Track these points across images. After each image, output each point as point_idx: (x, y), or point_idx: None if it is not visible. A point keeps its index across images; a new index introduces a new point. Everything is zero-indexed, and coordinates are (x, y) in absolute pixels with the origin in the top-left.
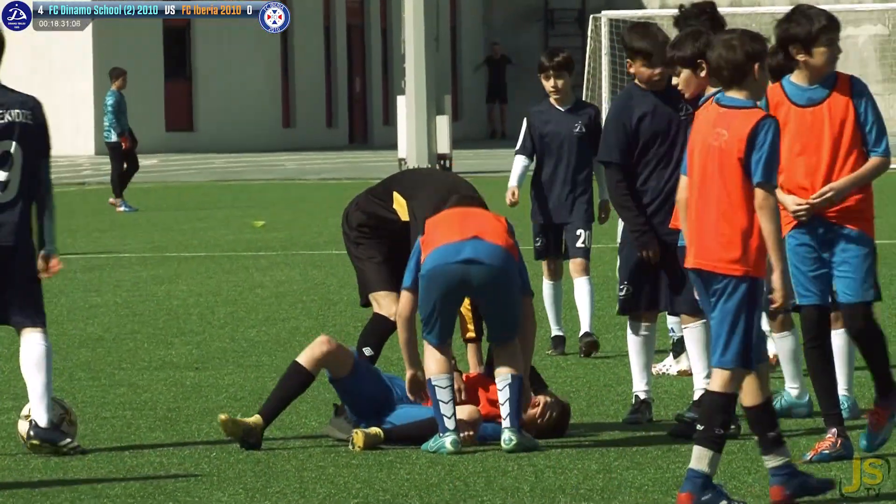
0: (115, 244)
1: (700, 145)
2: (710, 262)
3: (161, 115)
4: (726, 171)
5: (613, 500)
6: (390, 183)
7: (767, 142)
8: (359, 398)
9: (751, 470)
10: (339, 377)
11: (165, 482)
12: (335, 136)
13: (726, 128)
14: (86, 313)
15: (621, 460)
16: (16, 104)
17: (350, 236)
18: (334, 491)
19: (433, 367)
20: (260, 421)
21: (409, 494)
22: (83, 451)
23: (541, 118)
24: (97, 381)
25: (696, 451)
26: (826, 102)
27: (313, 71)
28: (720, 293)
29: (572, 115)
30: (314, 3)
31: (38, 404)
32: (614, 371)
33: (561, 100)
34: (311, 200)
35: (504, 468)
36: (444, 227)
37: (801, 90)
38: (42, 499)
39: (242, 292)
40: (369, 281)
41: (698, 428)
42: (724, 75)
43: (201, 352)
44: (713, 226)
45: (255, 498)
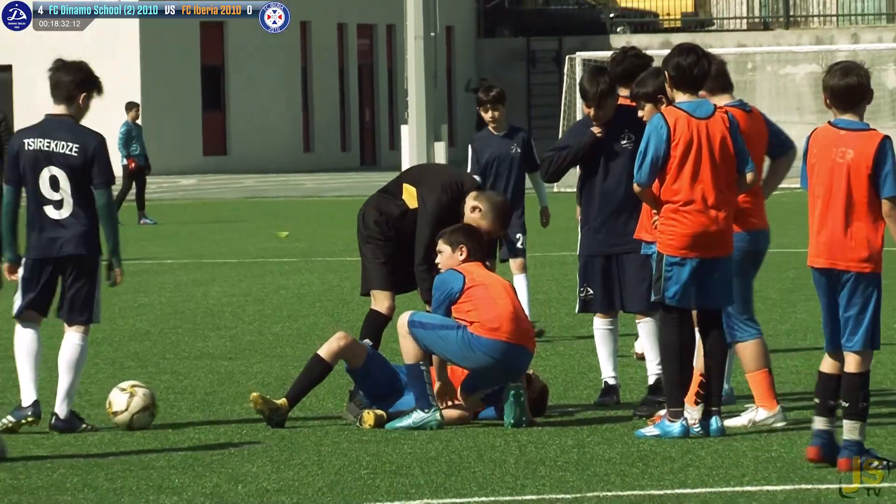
0: (160, 252)
1: (824, 163)
2: (843, 263)
3: (199, 141)
4: (854, 184)
5: (587, 470)
6: (400, 177)
7: (889, 160)
8: (372, 385)
9: (704, 445)
10: (354, 367)
11: (203, 455)
12: (348, 160)
13: (852, 147)
14: (134, 311)
15: (593, 437)
16: (65, 137)
17: (363, 234)
18: (347, 463)
19: (421, 353)
20: (286, 403)
21: (411, 465)
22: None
23: (483, 144)
24: (144, 370)
25: (847, 425)
26: None
27: (329, 104)
28: (851, 288)
29: (508, 140)
30: (330, 45)
31: (60, 400)
32: (587, 361)
33: (497, 127)
34: (328, 215)
35: (493, 443)
36: (502, 309)
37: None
38: (97, 469)
39: (269, 293)
40: (371, 278)
41: (842, 405)
42: (849, 99)
43: (234, 344)
44: (844, 231)
45: (280, 469)
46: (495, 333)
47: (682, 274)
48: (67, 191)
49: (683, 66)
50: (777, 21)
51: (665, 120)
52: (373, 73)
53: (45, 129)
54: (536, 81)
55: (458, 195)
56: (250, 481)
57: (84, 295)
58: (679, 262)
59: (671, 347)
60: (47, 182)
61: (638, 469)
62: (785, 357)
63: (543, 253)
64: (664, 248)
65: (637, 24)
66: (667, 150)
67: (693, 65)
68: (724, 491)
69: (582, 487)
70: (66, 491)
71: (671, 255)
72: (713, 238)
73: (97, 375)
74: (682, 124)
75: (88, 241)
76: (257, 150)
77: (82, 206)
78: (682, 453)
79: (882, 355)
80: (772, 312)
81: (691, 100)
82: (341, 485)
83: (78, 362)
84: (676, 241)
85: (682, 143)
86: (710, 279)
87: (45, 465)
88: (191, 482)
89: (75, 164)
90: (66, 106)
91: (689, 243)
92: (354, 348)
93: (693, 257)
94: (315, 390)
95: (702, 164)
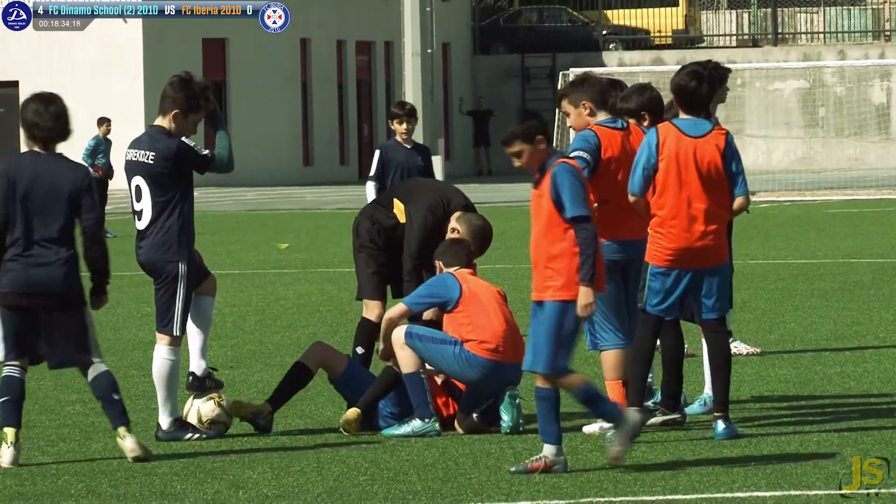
0: None
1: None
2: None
3: None
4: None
5: (580, 476)
6: (392, 191)
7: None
8: (354, 393)
9: (695, 452)
10: (336, 376)
11: (204, 462)
12: (347, 173)
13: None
14: (138, 321)
15: (586, 444)
16: (147, 147)
17: (356, 242)
18: (346, 469)
19: (419, 361)
20: (268, 406)
21: (408, 472)
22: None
23: (393, 153)
24: (148, 378)
25: None
26: None
27: (329, 119)
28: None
29: (415, 153)
30: (329, 62)
31: (161, 411)
32: (581, 369)
33: (407, 140)
34: (327, 227)
35: (488, 450)
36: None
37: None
38: (101, 476)
39: (269, 304)
40: (363, 287)
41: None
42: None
43: (235, 353)
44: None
45: (280, 475)
46: (491, 354)
47: (665, 284)
48: (148, 201)
49: (683, 87)
50: (766, 38)
51: (657, 134)
52: (371, 89)
53: (137, 140)
54: (531, 97)
55: (444, 215)
56: (251, 487)
57: (167, 305)
58: (664, 272)
59: (644, 353)
60: (133, 193)
61: (630, 475)
62: (774, 367)
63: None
64: (649, 258)
65: (629, 41)
66: (655, 163)
67: (695, 89)
68: (715, 497)
69: (576, 493)
70: (70, 497)
71: (655, 266)
72: (696, 253)
73: None
74: (672, 140)
75: (159, 251)
76: (258, 164)
77: (156, 216)
78: (674, 460)
79: (868, 363)
80: (760, 322)
81: (689, 118)
82: (340, 491)
83: (169, 373)
84: (661, 253)
85: (670, 158)
86: (699, 291)
87: (50, 471)
88: (192, 488)
89: (152, 170)
90: (161, 118)
91: (673, 256)
92: (332, 355)
93: (679, 269)
94: (312, 398)
95: (688, 181)
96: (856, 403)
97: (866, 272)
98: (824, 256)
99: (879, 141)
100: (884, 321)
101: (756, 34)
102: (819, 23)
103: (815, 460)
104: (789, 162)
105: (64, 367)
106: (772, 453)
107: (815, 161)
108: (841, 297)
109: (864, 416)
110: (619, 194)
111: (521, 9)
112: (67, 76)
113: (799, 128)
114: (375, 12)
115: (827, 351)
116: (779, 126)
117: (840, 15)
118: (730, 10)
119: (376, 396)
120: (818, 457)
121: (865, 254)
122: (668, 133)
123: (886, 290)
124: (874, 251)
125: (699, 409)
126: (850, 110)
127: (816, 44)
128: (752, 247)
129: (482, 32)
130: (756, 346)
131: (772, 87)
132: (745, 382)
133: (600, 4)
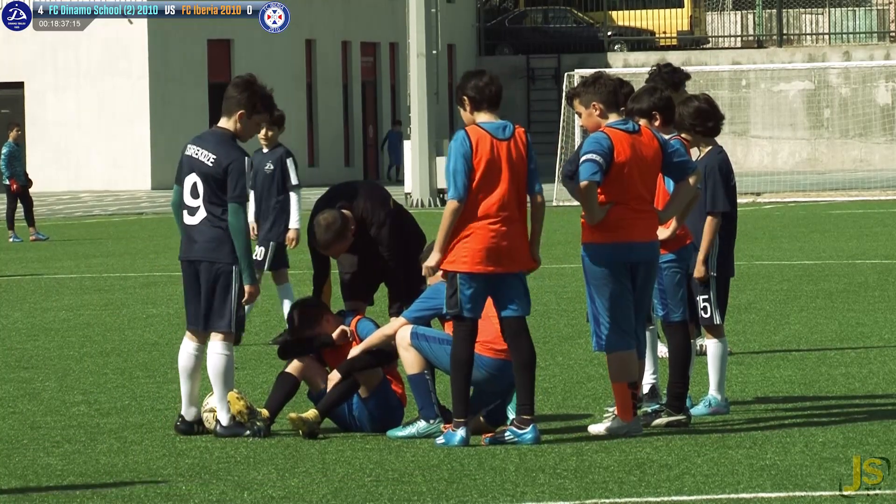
0: (168, 264)
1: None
2: None
3: None
4: None
5: (585, 478)
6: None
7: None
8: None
9: (700, 453)
10: (315, 393)
11: (209, 462)
12: (352, 174)
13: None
14: (143, 322)
15: (591, 445)
16: (209, 147)
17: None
18: (351, 471)
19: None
20: (267, 414)
21: (413, 473)
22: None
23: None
24: (153, 379)
25: None
26: None
27: (334, 120)
28: None
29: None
30: (334, 63)
31: (218, 408)
32: (585, 371)
33: (269, 144)
34: None
35: (493, 451)
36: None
37: None
38: (107, 477)
39: (274, 305)
40: (343, 289)
41: None
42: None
43: (239, 354)
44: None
45: (285, 476)
46: (496, 353)
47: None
48: (202, 198)
49: (480, 88)
50: (771, 39)
51: (468, 137)
52: (376, 90)
53: (201, 138)
54: (536, 98)
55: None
56: (256, 489)
57: (220, 302)
58: (471, 275)
59: (461, 360)
60: (189, 188)
61: (635, 476)
62: (778, 368)
63: (543, 266)
64: (452, 266)
65: (634, 43)
66: (472, 166)
67: (489, 87)
68: (720, 498)
69: (580, 494)
70: (75, 498)
71: (463, 272)
72: (501, 252)
73: (106, 385)
74: (485, 143)
75: (214, 249)
76: None
77: (209, 213)
78: (679, 461)
79: (873, 364)
80: (765, 323)
81: (491, 120)
82: (345, 492)
83: (225, 369)
84: (471, 256)
85: (483, 160)
86: (503, 289)
87: (55, 472)
88: (198, 489)
89: (209, 173)
90: (226, 119)
91: (483, 258)
92: (311, 367)
93: (486, 272)
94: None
95: (499, 181)
96: (861, 404)
97: (871, 273)
98: (829, 257)
99: (884, 142)
100: (889, 322)
101: (761, 35)
102: (824, 24)
103: (820, 461)
104: (794, 163)
105: None
106: (777, 454)
107: (820, 162)
108: (846, 299)
109: (869, 418)
110: (629, 196)
111: (526, 10)
112: (72, 77)
113: (804, 129)
114: (380, 13)
115: (832, 352)
116: (784, 127)
117: (845, 16)
118: (735, 11)
119: (279, 402)
120: (823, 458)
121: (870, 255)
122: (480, 136)
123: (891, 291)
124: (879, 252)
125: (704, 410)
126: (855, 111)
127: (821, 45)
128: (757, 248)
129: (487, 33)
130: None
131: (777, 88)
132: (750, 383)
133: (605, 5)
